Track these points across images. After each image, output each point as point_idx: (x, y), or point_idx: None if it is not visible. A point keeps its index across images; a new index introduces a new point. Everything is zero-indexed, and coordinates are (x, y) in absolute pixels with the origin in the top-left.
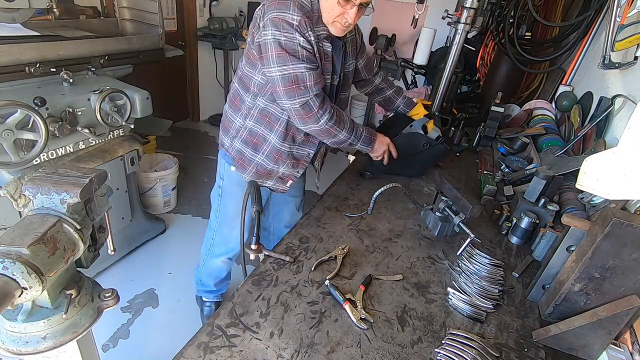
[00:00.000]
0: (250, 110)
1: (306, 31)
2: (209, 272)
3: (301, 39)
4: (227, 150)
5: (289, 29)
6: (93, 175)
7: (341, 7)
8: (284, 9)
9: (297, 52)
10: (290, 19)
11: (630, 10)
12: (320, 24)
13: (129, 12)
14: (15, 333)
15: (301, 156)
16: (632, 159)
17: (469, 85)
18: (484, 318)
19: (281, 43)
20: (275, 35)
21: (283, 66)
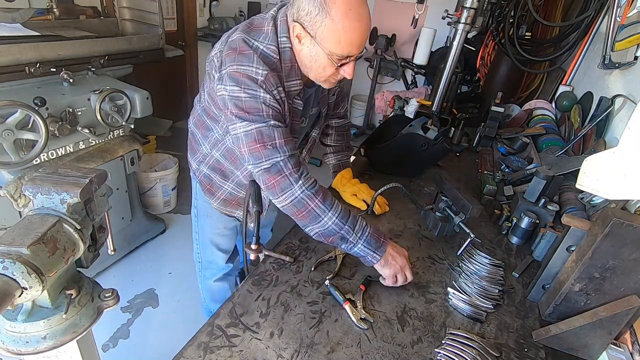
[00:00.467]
0: (218, 144)
1: (274, 88)
2: (212, 297)
3: (267, 96)
4: (195, 173)
5: (252, 86)
6: (93, 175)
7: (335, 67)
8: (246, 62)
9: (261, 111)
10: (254, 73)
11: (630, 10)
12: (292, 76)
13: (129, 12)
14: (15, 333)
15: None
16: (632, 159)
17: (469, 85)
18: (484, 318)
19: (241, 102)
20: (235, 93)
21: (244, 123)
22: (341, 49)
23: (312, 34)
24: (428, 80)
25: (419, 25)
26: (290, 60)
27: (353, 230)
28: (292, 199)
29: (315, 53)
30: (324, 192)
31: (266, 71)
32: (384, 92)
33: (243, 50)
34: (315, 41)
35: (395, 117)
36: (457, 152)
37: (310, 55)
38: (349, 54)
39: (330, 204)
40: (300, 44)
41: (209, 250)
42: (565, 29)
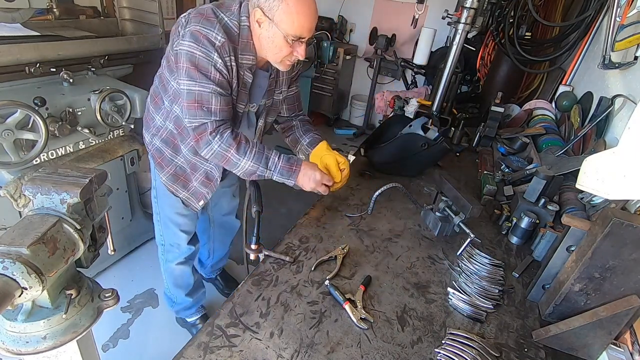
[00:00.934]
0: (169, 114)
1: (227, 55)
2: (174, 281)
3: (219, 60)
4: (148, 147)
5: (209, 47)
6: (93, 175)
7: (290, 47)
8: (209, 25)
9: (209, 72)
10: (213, 37)
11: (630, 10)
12: (247, 51)
13: (129, 12)
14: (15, 333)
15: (212, 177)
16: (632, 159)
17: (469, 85)
18: (484, 318)
19: (195, 58)
20: (192, 49)
21: (190, 81)
22: (294, 29)
23: (271, 17)
24: (428, 80)
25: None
26: (247, 37)
27: (266, 168)
28: (212, 152)
29: (273, 34)
30: (238, 143)
31: (224, 39)
32: (384, 92)
33: (209, 17)
34: (273, 23)
35: (395, 117)
36: (457, 152)
37: (268, 36)
38: (300, 35)
39: (243, 152)
40: (260, 28)
41: (171, 231)
42: (565, 29)
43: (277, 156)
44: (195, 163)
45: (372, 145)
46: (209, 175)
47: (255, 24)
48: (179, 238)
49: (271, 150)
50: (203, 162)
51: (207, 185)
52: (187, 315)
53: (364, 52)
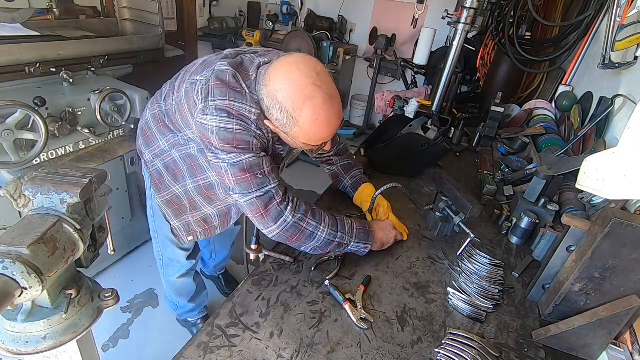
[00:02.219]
0: (179, 147)
1: (264, 127)
2: (176, 291)
3: (258, 132)
4: (147, 165)
5: (245, 121)
6: (93, 175)
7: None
8: (240, 99)
9: (250, 144)
10: (248, 112)
11: (630, 10)
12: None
13: (129, 12)
14: (15, 333)
15: (210, 223)
16: (632, 159)
17: (469, 85)
18: (484, 318)
19: (231, 134)
20: (225, 125)
21: (231, 155)
22: (314, 142)
23: (285, 131)
24: (428, 80)
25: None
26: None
27: (345, 234)
28: (285, 225)
29: (292, 139)
30: (311, 208)
31: (259, 111)
32: (384, 92)
33: (235, 87)
34: (289, 136)
35: (395, 117)
36: (457, 152)
37: (286, 138)
38: (323, 142)
39: (319, 218)
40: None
41: (170, 249)
42: (565, 29)
43: (349, 219)
44: (196, 203)
45: (372, 145)
46: (206, 220)
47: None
48: (177, 255)
49: (340, 217)
50: (205, 206)
51: (201, 226)
52: (189, 316)
53: (364, 52)
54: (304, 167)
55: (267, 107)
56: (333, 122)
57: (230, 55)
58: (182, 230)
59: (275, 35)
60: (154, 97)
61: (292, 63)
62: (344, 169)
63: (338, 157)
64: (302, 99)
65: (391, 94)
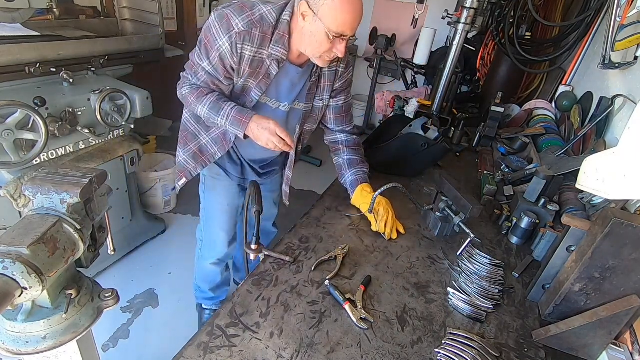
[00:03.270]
0: None
1: (241, 43)
2: (202, 276)
3: (227, 45)
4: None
5: (224, 30)
6: (93, 175)
7: (331, 43)
8: (237, 12)
9: (211, 52)
10: (234, 23)
11: (630, 10)
12: (279, 44)
13: (129, 12)
14: (15, 333)
15: (207, 152)
16: (632, 159)
17: (469, 85)
18: (484, 318)
19: (209, 32)
20: (212, 24)
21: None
22: (337, 26)
23: (315, 11)
24: (428, 80)
25: (419, 25)
26: (283, 31)
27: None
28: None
29: (316, 29)
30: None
31: (244, 29)
32: (384, 92)
33: (244, 5)
34: (317, 17)
35: (395, 117)
36: (457, 152)
37: (310, 30)
38: (342, 33)
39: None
40: (304, 21)
41: (213, 229)
42: (565, 29)
43: (231, 107)
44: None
45: (372, 145)
46: (202, 148)
47: (299, 17)
48: (217, 236)
49: (228, 102)
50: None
51: (197, 158)
52: (205, 302)
53: (364, 52)
54: (304, 167)
55: None
56: (357, 9)
57: None
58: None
59: None
60: None
61: None
62: (348, 163)
63: (347, 148)
64: None
65: (391, 94)
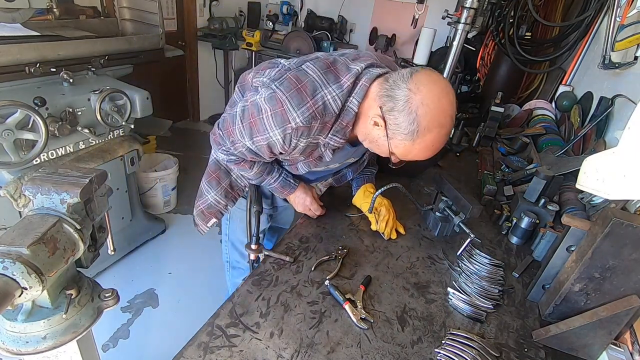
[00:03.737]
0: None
1: (296, 138)
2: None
3: (279, 139)
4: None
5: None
6: (93, 175)
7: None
8: (296, 102)
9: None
10: (291, 118)
11: (630, 10)
12: (339, 134)
13: (129, 12)
14: (15, 333)
15: (237, 186)
16: (632, 159)
17: (469, 85)
18: (484, 318)
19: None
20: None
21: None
22: (403, 157)
23: (389, 135)
24: None
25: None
26: (347, 123)
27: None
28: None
29: (382, 143)
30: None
31: (303, 125)
32: None
33: (302, 89)
34: (387, 139)
35: None
36: (457, 152)
37: (376, 139)
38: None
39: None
40: (372, 125)
41: (237, 252)
42: (565, 29)
43: (275, 179)
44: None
45: None
46: (232, 183)
47: (370, 121)
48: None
49: (272, 172)
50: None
51: (229, 194)
52: None
53: None
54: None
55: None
56: (434, 151)
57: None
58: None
59: (275, 35)
60: None
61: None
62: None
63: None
64: (436, 125)
65: None
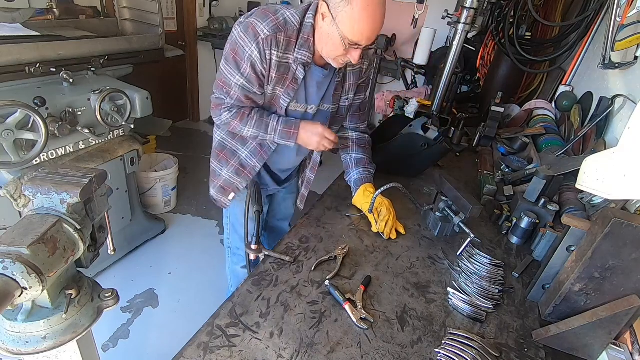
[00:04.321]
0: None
1: (269, 49)
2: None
3: (255, 53)
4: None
5: (250, 38)
6: (93, 175)
7: (344, 49)
8: (261, 19)
9: (242, 62)
10: (260, 29)
11: (630, 10)
12: (304, 48)
13: (129, 12)
14: (15, 333)
15: (248, 165)
16: (632, 159)
17: (469, 85)
18: (484, 318)
19: (236, 45)
20: (237, 37)
21: (225, 65)
22: (352, 35)
23: (334, 15)
24: (428, 80)
25: (419, 25)
26: (308, 35)
27: (267, 134)
28: (220, 121)
29: (332, 32)
30: (242, 115)
31: (270, 33)
32: (384, 92)
33: (267, 11)
34: (335, 22)
35: (395, 117)
36: (457, 152)
37: (327, 33)
38: (358, 42)
39: (245, 122)
40: (322, 21)
41: (238, 235)
42: (565, 29)
43: (276, 121)
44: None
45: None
46: (242, 162)
47: (319, 17)
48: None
49: (271, 116)
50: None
51: (240, 173)
52: None
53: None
54: None
55: None
56: (377, 21)
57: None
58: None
59: None
60: None
61: None
62: (356, 161)
63: (356, 146)
64: None
65: (391, 94)
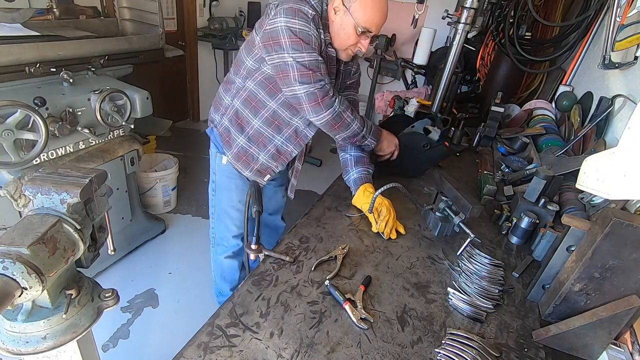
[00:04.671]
0: (239, 91)
1: (319, 27)
2: (221, 273)
3: (313, 30)
4: (216, 127)
5: (305, 19)
6: (93, 175)
7: (358, 37)
8: (298, 2)
9: (311, 42)
10: (305, 11)
11: (630, 10)
12: (327, 30)
13: (129, 12)
14: (15, 333)
15: (285, 151)
16: (632, 159)
17: (469, 85)
18: (484, 318)
19: (295, 31)
20: (289, 24)
21: (298, 53)
22: (365, 21)
23: (348, 6)
24: (428, 80)
25: (419, 25)
26: (325, 19)
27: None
28: (334, 113)
29: (346, 22)
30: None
31: (315, 13)
32: (384, 92)
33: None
34: (349, 12)
35: (395, 117)
36: (457, 152)
37: (341, 24)
38: (369, 28)
39: (354, 115)
40: (335, 15)
41: (223, 224)
42: (565, 29)
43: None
44: (264, 135)
45: None
46: (279, 149)
47: (332, 11)
48: (228, 230)
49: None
50: (274, 136)
51: (276, 158)
52: None
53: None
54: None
55: None
56: (384, 11)
57: None
58: (258, 175)
59: None
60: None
61: None
62: (355, 160)
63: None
64: None
65: (391, 94)
